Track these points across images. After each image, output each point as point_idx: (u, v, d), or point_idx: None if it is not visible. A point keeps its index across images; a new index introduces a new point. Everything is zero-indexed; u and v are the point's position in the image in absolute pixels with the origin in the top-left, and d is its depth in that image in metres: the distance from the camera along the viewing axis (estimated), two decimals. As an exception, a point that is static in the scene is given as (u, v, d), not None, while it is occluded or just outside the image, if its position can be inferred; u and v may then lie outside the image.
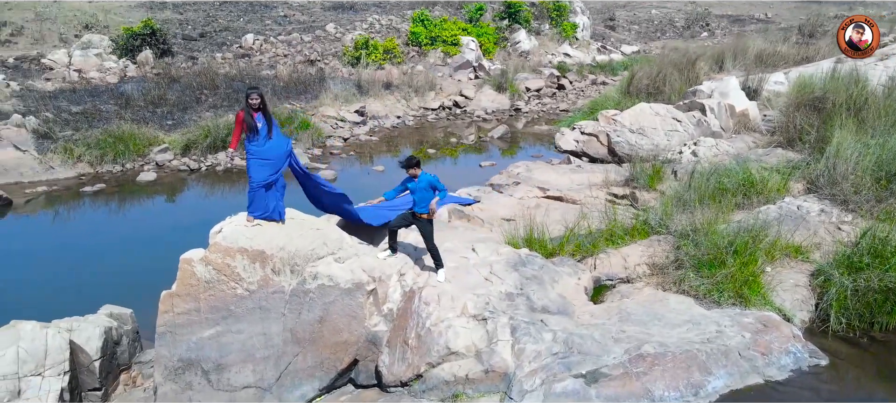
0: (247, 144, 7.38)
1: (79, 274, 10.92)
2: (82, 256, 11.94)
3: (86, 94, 20.29)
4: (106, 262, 11.49)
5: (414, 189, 7.53)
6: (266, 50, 26.06)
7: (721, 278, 8.28)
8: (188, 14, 29.12)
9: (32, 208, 15.09)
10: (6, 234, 13.62)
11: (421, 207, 7.48)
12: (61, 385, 7.24)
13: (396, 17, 30.84)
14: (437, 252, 7.70)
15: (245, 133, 7.34)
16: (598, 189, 12.40)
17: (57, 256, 11.95)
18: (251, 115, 7.30)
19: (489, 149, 20.30)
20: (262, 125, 7.35)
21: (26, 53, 23.18)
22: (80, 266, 11.29)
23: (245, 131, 7.33)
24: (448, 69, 27.43)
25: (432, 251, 7.72)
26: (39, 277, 10.77)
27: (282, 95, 22.26)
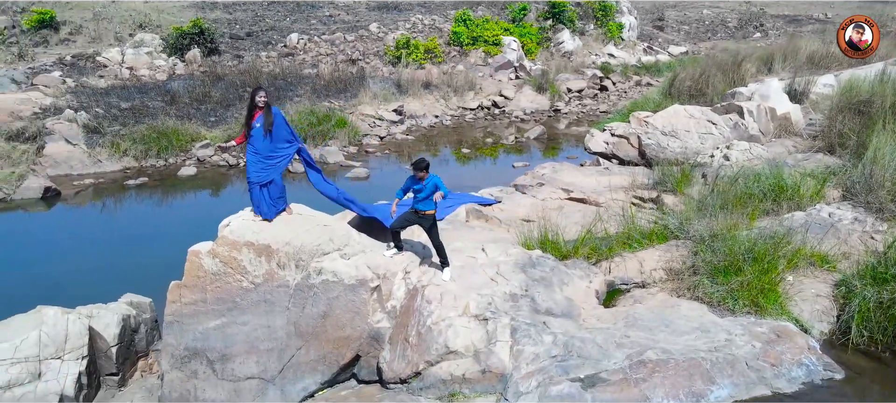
0: (252, 143, 7.56)
1: (109, 263, 11.38)
2: (114, 245, 12.43)
3: (135, 91, 21.08)
4: (135, 252, 11.93)
5: (419, 189, 7.57)
6: (310, 49, 26.54)
7: (736, 285, 8.04)
8: (237, 14, 29.90)
9: (79, 200, 15.79)
10: (51, 224, 14.30)
11: (424, 205, 7.52)
12: (79, 369, 7.57)
13: (440, 16, 30.95)
14: (444, 251, 7.72)
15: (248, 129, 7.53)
16: (624, 192, 12.20)
17: (92, 245, 12.49)
18: (252, 115, 7.46)
19: (524, 150, 20.21)
20: (260, 126, 7.49)
21: (83, 51, 24.23)
22: (111, 255, 11.76)
23: (245, 129, 7.51)
24: (489, 69, 27.38)
25: (438, 249, 7.75)
26: (73, 264, 11.28)
27: (322, 94, 22.64)
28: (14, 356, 7.35)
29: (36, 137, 17.69)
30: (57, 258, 11.70)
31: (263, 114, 7.54)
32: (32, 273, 11.07)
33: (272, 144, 7.61)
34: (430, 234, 7.66)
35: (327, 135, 19.80)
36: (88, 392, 7.73)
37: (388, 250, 7.88)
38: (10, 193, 15.41)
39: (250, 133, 7.56)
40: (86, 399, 7.64)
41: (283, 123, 7.83)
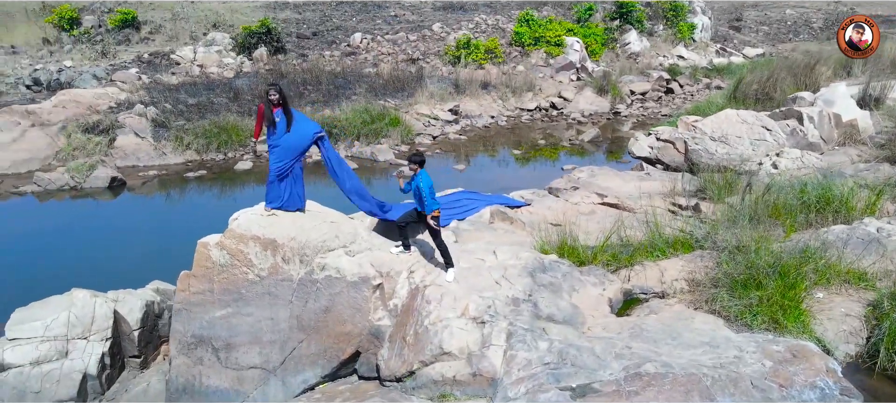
0: (267, 138, 7.79)
1: (149, 250, 11.98)
2: (158, 233, 13.09)
3: (203, 87, 22.08)
4: (175, 240, 12.49)
5: (420, 189, 7.62)
6: (372, 48, 27.01)
7: (755, 300, 7.65)
8: (307, 14, 30.77)
9: (141, 190, 16.71)
10: (110, 211, 15.21)
11: (422, 207, 7.55)
12: (103, 349, 8.04)
13: (503, 17, 30.82)
14: (447, 252, 7.72)
15: (266, 127, 7.76)
16: (662, 199, 11.82)
17: (138, 232, 13.20)
18: (271, 110, 7.69)
19: (577, 152, 19.87)
20: (281, 120, 7.71)
21: (160, 49, 25.58)
22: (153, 243, 12.38)
23: (266, 125, 7.74)
24: (550, 70, 27.06)
25: (441, 251, 7.76)
26: (116, 250, 11.95)
27: (380, 93, 22.99)
28: (44, 334, 7.89)
29: (109, 130, 18.86)
30: (104, 244, 12.44)
31: (282, 109, 7.76)
32: (80, 256, 11.83)
33: (292, 136, 7.80)
34: (432, 234, 7.67)
35: (380, 133, 20.11)
36: (111, 372, 8.20)
37: (394, 247, 7.94)
38: (80, 181, 16.48)
39: (269, 129, 7.79)
40: (108, 378, 8.11)
41: (305, 118, 8.05)
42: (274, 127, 7.70)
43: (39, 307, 8.22)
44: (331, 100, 21.69)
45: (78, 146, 18.26)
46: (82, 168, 16.89)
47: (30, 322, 7.95)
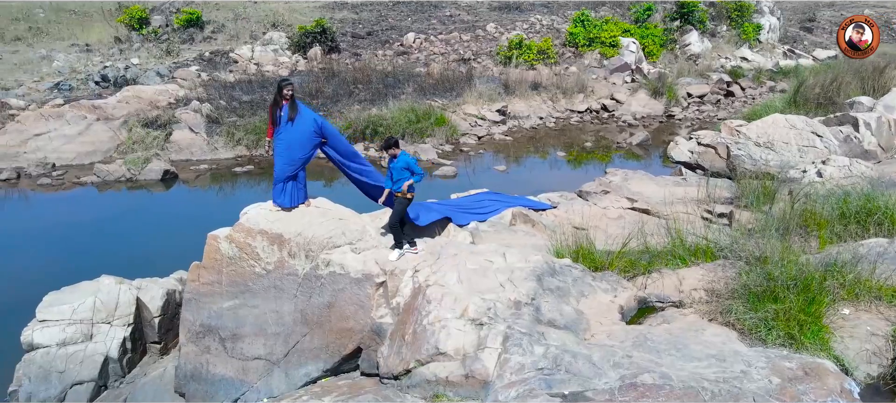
0: (275, 136, 7.98)
1: (182, 240, 12.42)
2: (195, 224, 13.54)
3: (257, 85, 22.76)
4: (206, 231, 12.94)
5: (392, 169, 7.68)
6: (424, 48, 27.19)
7: (772, 313, 7.30)
8: (363, 14, 31.25)
9: (193, 183, 17.39)
10: (159, 203, 15.90)
11: (397, 186, 7.60)
12: (124, 334, 8.43)
13: (559, 17, 30.46)
14: (399, 233, 7.72)
15: (274, 125, 7.95)
16: (696, 205, 11.43)
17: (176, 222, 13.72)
18: (278, 105, 7.86)
19: (623, 155, 19.45)
20: (284, 114, 7.87)
21: (221, 48, 26.53)
22: (188, 233, 12.81)
23: (273, 123, 7.93)
24: (603, 71, 26.56)
25: (393, 229, 7.74)
26: (153, 239, 12.47)
27: (428, 92, 23.11)
28: (71, 317, 8.33)
29: (166, 125, 19.71)
30: (144, 233, 13.00)
31: (289, 105, 7.92)
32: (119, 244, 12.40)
33: (295, 128, 7.95)
34: (392, 212, 7.71)
35: (425, 133, 20.23)
36: (132, 357, 8.58)
37: (392, 252, 7.91)
38: (136, 173, 17.29)
39: (278, 129, 7.98)
40: (129, 362, 8.49)
41: (310, 118, 8.18)
42: (278, 122, 7.87)
43: (69, 291, 8.68)
44: (379, 99, 21.96)
45: (137, 140, 19.15)
46: (138, 161, 17.71)
47: (59, 306, 8.41)
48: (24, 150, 18.59)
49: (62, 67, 24.15)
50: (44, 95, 21.62)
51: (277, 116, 7.94)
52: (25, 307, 8.77)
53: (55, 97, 21.24)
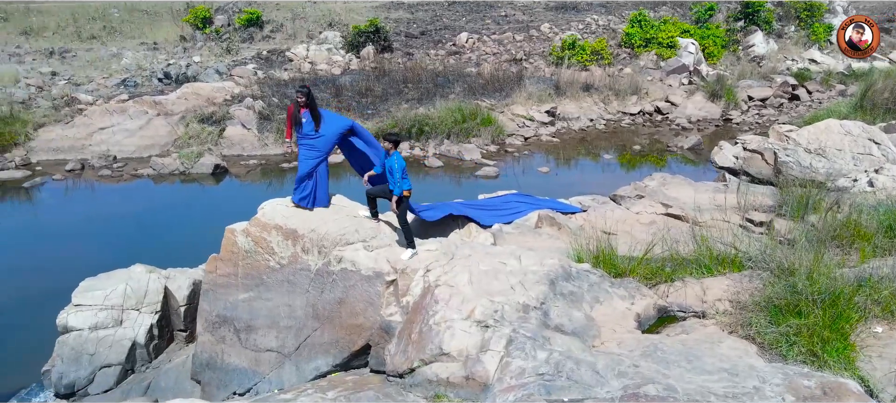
0: (298, 138, 8.14)
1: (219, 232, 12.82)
2: (231, 217, 13.97)
3: (309, 83, 23.22)
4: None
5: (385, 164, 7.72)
6: (477, 48, 27.16)
7: (794, 327, 6.95)
8: (419, 13, 31.48)
9: (245, 177, 17.95)
10: (205, 195, 16.46)
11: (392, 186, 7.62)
12: (151, 321, 8.77)
13: (616, 17, 29.86)
14: (410, 232, 7.81)
15: (295, 127, 8.11)
16: (735, 212, 11.00)
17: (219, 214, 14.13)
18: (299, 111, 8.01)
19: (675, 159, 18.91)
20: (307, 121, 8.02)
21: (279, 47, 27.24)
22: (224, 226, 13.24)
23: (294, 125, 8.09)
24: (660, 73, 25.89)
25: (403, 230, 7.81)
26: (192, 231, 12.90)
27: (478, 92, 23.07)
28: (103, 303, 8.73)
29: (220, 120, 20.39)
30: (185, 224, 13.48)
31: (309, 110, 8.07)
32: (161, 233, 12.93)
33: (321, 136, 8.09)
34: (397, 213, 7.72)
35: (470, 133, 20.20)
36: (159, 343, 8.92)
37: (405, 252, 7.93)
38: (188, 167, 17.97)
39: (298, 128, 8.14)
40: (155, 348, 8.84)
41: (334, 116, 8.32)
42: (301, 127, 8.02)
43: (104, 278, 9.10)
44: (427, 98, 22.06)
45: (193, 135, 19.88)
46: (191, 155, 18.40)
47: (93, 291, 8.83)
48: (89, 142, 19.59)
49: (130, 65, 25.33)
50: (111, 91, 22.72)
51: (298, 118, 8.09)
52: (67, 292, 9.25)
53: (121, 93, 22.30)
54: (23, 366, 9.03)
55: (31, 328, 9.26)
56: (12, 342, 9.40)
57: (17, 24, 32.84)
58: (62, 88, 22.77)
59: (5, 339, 9.51)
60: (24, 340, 9.21)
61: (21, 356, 9.13)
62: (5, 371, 9.08)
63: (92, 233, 13.41)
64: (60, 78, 23.88)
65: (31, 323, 9.29)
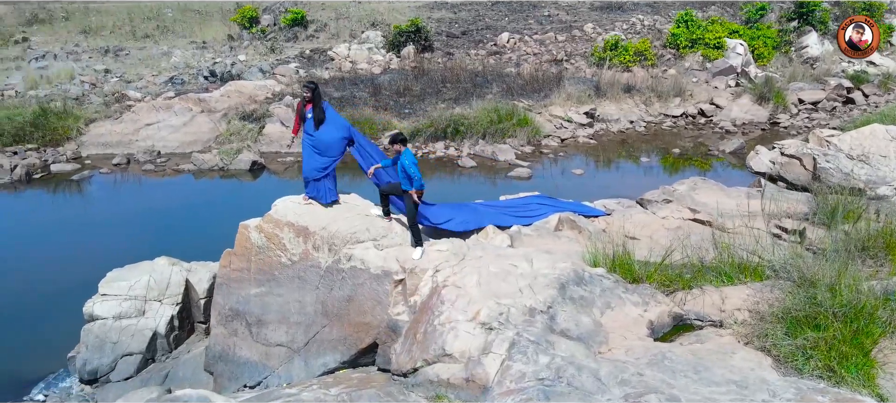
0: (304, 133, 8.23)
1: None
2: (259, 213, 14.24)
3: (349, 82, 23.53)
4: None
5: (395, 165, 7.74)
6: (517, 48, 27.00)
7: (811, 341, 6.66)
8: (461, 13, 31.48)
9: (278, 174, 18.28)
10: (240, 190, 16.83)
11: (404, 185, 7.63)
12: (172, 312, 9.02)
13: (663, 17, 29.22)
14: (418, 231, 7.84)
15: (302, 122, 8.20)
16: (767, 219, 10.62)
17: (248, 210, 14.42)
18: (305, 107, 8.10)
19: (713, 163, 18.40)
20: (310, 118, 8.10)
21: (321, 46, 27.65)
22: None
23: (302, 121, 8.18)
24: (705, 74, 25.23)
25: (412, 228, 7.81)
26: (223, 225, 13.18)
27: (517, 93, 22.92)
28: (127, 293, 9.02)
29: (261, 118, 20.82)
30: (215, 218, 13.79)
31: (314, 108, 8.16)
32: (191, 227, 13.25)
33: (323, 134, 8.17)
34: (407, 211, 7.73)
35: (506, 133, 20.08)
36: (180, 334, 9.16)
37: (415, 251, 7.94)
38: (227, 163, 18.41)
39: (307, 131, 8.24)
40: (176, 339, 9.08)
41: (336, 120, 8.37)
42: (304, 123, 8.12)
43: (129, 269, 9.41)
44: (464, 98, 22.03)
45: (234, 132, 20.36)
46: (231, 152, 18.85)
47: (118, 282, 9.14)
48: (136, 138, 20.27)
49: (178, 63, 26.11)
50: (159, 88, 23.47)
51: (304, 115, 8.18)
52: (97, 281, 9.59)
53: (168, 90, 23.01)
54: (53, 352, 9.41)
55: (63, 315, 9.63)
56: (45, 328, 9.80)
57: (77, 23, 34.29)
58: (113, 85, 23.64)
59: (39, 325, 9.92)
60: (56, 327, 9.59)
61: (52, 342, 9.51)
62: (38, 356, 9.48)
63: (128, 225, 13.87)
64: (113, 75, 24.79)
65: (63, 311, 9.65)
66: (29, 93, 22.63)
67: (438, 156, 19.20)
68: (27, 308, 10.38)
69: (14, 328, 10.00)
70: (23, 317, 10.22)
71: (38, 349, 9.52)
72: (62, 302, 9.61)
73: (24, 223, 14.67)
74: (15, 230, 14.14)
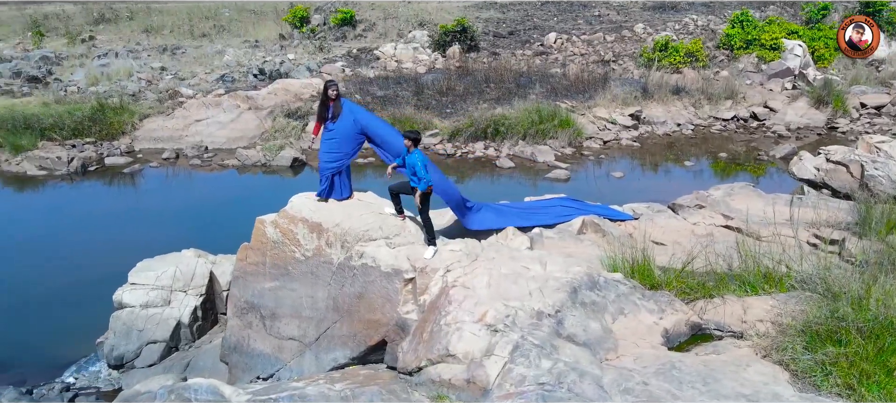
0: (323, 133, 8.32)
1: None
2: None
3: (392, 81, 23.70)
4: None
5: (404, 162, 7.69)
6: (564, 48, 26.66)
7: (831, 356, 6.34)
8: (510, 13, 31.29)
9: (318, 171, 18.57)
10: (278, 186, 17.16)
11: (413, 182, 7.60)
12: (196, 303, 9.27)
13: (718, 17, 28.35)
14: (432, 228, 7.84)
15: (322, 123, 8.29)
16: (806, 228, 10.17)
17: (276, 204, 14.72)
18: (325, 105, 8.17)
19: (760, 168, 17.74)
20: (329, 113, 8.17)
21: (369, 45, 27.95)
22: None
23: (321, 122, 8.27)
24: (760, 77, 24.36)
25: (426, 226, 7.84)
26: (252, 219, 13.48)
27: (561, 93, 22.64)
28: (154, 283, 9.32)
29: (305, 116, 21.18)
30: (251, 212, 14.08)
31: (334, 104, 8.23)
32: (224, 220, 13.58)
33: (340, 123, 8.24)
34: (419, 210, 7.69)
35: (547, 134, 19.84)
36: (203, 325, 9.41)
37: (428, 251, 7.91)
38: (269, 159, 18.82)
39: (326, 125, 8.32)
40: (199, 329, 9.33)
41: (353, 114, 8.41)
42: (325, 122, 8.19)
43: (158, 260, 9.72)
44: (506, 98, 21.89)
45: (278, 129, 20.79)
46: (274, 148, 19.26)
47: (146, 272, 9.45)
48: (185, 133, 20.94)
49: (230, 61, 26.84)
50: (210, 86, 24.17)
51: (325, 116, 8.26)
52: (130, 270, 9.95)
53: (218, 88, 23.66)
54: (87, 336, 9.81)
55: (99, 301, 9.98)
56: (82, 313, 10.22)
57: (140, 22, 35.68)
58: (168, 82, 24.49)
59: (77, 310, 10.37)
60: (91, 312, 9.97)
61: (87, 326, 9.91)
62: (74, 340, 9.91)
63: (167, 217, 14.36)
64: (168, 73, 25.68)
65: (99, 297, 10.01)
66: (90, 89, 23.66)
67: (477, 156, 19.13)
68: (67, 293, 10.87)
69: (55, 312, 10.48)
70: (63, 302, 10.71)
71: (75, 333, 9.95)
72: (98, 289, 9.99)
73: (71, 213, 15.37)
74: (63, 219, 14.82)
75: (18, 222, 14.75)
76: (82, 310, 10.13)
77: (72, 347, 9.69)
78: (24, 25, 34.39)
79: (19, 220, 14.95)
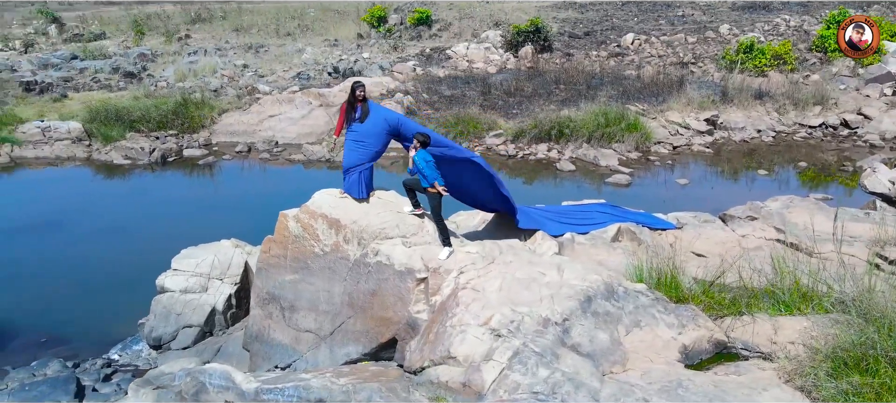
0: (347, 133, 8.40)
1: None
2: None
3: (461, 81, 23.72)
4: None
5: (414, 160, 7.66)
6: (642, 50, 25.80)
7: (856, 386, 5.81)
8: (589, 13, 30.64)
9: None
10: (330, 181, 17.49)
11: (422, 181, 7.53)
12: (230, 291, 9.63)
13: (812, 18, 26.60)
14: (445, 228, 7.79)
15: (346, 124, 8.37)
16: (868, 246, 9.38)
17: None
18: (353, 106, 8.25)
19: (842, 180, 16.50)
20: (358, 113, 8.24)
21: (443, 45, 28.11)
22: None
23: (346, 123, 8.35)
24: (856, 81, 22.67)
25: (438, 226, 7.79)
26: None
27: (633, 96, 21.94)
28: (194, 270, 9.75)
29: (372, 113, 21.53)
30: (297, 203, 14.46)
31: (361, 106, 8.30)
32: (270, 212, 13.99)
33: (367, 125, 8.31)
34: (431, 209, 7.60)
35: (613, 138, 19.27)
36: (237, 312, 9.76)
37: (443, 251, 7.85)
38: (333, 155, 19.29)
39: (349, 123, 8.42)
40: (233, 316, 9.69)
41: (382, 117, 8.45)
42: (351, 122, 8.27)
43: (200, 248, 10.16)
44: (575, 100, 21.43)
45: (346, 125, 21.23)
46: (337, 144, 19.72)
47: (188, 259, 9.90)
48: (259, 128, 21.79)
49: (308, 59, 27.70)
50: (286, 83, 25.04)
51: (352, 117, 8.34)
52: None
53: (294, 85, 24.48)
54: (135, 317, 10.40)
55: (148, 284, 10.53)
56: (132, 295, 10.83)
57: (232, 21, 37.46)
58: (248, 79, 25.56)
59: (127, 292, 11.00)
60: (141, 294, 10.53)
61: (136, 307, 10.50)
62: (121, 320, 10.53)
63: (220, 207, 15.05)
64: (249, 70, 26.79)
65: (149, 281, 10.54)
66: (177, 85, 25.06)
67: (539, 158, 18.84)
68: (123, 275, 11.58)
69: (110, 292, 11.18)
70: (120, 283, 11.40)
71: (125, 313, 10.57)
72: (149, 273, 10.53)
73: (143, 201, 16.35)
74: (135, 206, 15.77)
75: (94, 208, 15.81)
76: (134, 292, 10.72)
77: (121, 326, 10.29)
78: (129, 24, 36.84)
79: (96, 206, 16.03)
